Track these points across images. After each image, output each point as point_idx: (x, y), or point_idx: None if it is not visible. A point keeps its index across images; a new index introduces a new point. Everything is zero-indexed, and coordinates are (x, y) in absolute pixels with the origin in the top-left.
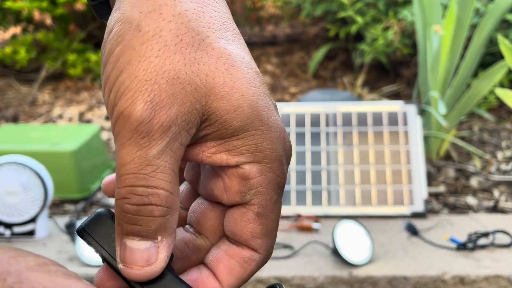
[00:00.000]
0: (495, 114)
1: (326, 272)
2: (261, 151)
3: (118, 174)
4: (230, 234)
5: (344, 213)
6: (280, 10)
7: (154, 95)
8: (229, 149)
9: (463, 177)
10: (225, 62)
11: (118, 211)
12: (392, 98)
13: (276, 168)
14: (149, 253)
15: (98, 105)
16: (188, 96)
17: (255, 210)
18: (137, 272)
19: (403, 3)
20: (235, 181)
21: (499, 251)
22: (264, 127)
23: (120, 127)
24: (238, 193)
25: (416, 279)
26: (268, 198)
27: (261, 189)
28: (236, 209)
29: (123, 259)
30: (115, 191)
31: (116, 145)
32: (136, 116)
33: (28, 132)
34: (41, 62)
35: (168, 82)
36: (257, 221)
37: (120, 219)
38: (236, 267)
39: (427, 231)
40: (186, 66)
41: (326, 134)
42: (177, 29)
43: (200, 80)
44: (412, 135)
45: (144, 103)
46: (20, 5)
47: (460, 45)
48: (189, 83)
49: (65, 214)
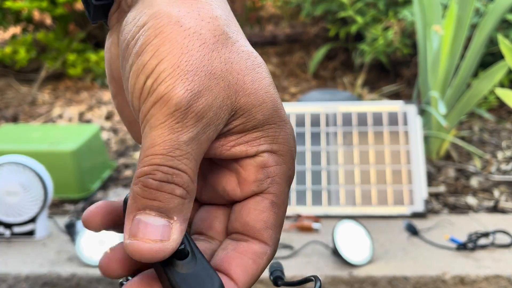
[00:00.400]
0: (495, 114)
1: (326, 272)
2: (277, 143)
3: (144, 154)
4: (241, 227)
5: (344, 213)
6: (280, 10)
7: (194, 85)
8: (248, 141)
9: (463, 177)
10: (252, 63)
11: (138, 187)
12: (392, 98)
13: (289, 161)
14: (163, 230)
15: (98, 105)
16: (221, 92)
17: (271, 198)
18: (148, 245)
19: (403, 3)
20: (251, 171)
21: (499, 251)
22: (281, 122)
23: (156, 111)
24: (255, 182)
25: (416, 279)
26: (282, 189)
27: (277, 178)
28: (250, 200)
29: (134, 233)
30: (137, 170)
31: (146, 128)
32: (176, 101)
33: (28, 132)
34: (41, 62)
35: (206, 76)
36: (271, 210)
37: (139, 194)
38: (249, 264)
39: (427, 231)
40: (221, 64)
41: (326, 134)
42: (214, 30)
43: (233, 78)
44: (412, 135)
45: (184, 90)
46: (20, 5)
47: (460, 45)
48: (223, 80)
49: (65, 214)
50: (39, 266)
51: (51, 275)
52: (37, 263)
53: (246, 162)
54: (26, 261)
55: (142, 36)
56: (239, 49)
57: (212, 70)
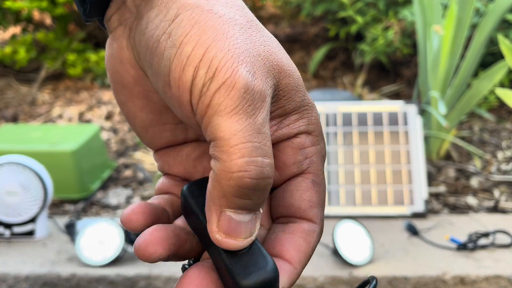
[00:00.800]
0: (496, 114)
1: (326, 272)
2: (312, 124)
3: (228, 145)
4: (286, 209)
5: (344, 213)
6: (280, 10)
7: (251, 66)
8: (289, 124)
9: (463, 177)
10: (281, 47)
11: (231, 184)
12: (392, 98)
13: (322, 141)
14: (252, 225)
15: (98, 105)
16: (269, 72)
17: (311, 178)
18: (239, 243)
19: (403, 3)
20: (290, 153)
21: (499, 251)
22: (311, 104)
23: (223, 97)
24: (295, 164)
25: (416, 279)
26: (320, 168)
27: (314, 158)
28: (291, 182)
29: (225, 231)
30: (225, 164)
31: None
32: (243, 83)
33: (27, 132)
34: (41, 62)
35: (255, 57)
36: (313, 189)
37: (231, 193)
38: (301, 242)
39: (427, 231)
40: (261, 46)
41: (326, 134)
42: (245, 16)
43: (274, 59)
44: (412, 135)
45: (246, 71)
46: (20, 5)
47: (460, 45)
48: (268, 60)
49: (65, 214)
50: (39, 266)
51: (51, 275)
52: (37, 263)
53: (284, 145)
54: (26, 261)
55: (176, 29)
56: (268, 34)
57: (257, 52)
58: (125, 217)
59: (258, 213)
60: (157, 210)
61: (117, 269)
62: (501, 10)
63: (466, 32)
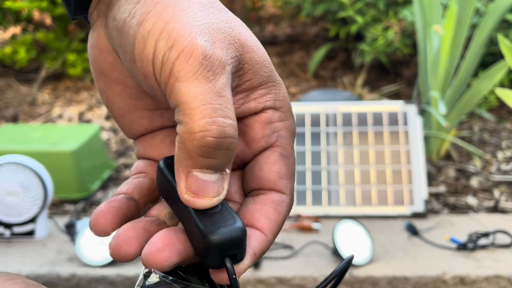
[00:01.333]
0: (496, 114)
1: (326, 272)
2: (279, 100)
3: (190, 108)
4: (256, 182)
5: (344, 213)
6: (280, 10)
7: (210, 37)
8: (255, 98)
9: (463, 177)
10: (243, 26)
11: (194, 145)
12: (392, 98)
13: (290, 117)
14: (219, 185)
15: (98, 105)
16: (231, 45)
17: (279, 151)
18: (207, 202)
19: (403, 3)
20: (258, 128)
21: (499, 251)
22: (279, 81)
23: (182, 64)
24: (263, 138)
25: (416, 279)
26: (288, 142)
27: (282, 132)
28: (260, 156)
29: (193, 190)
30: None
31: (176, 84)
32: (201, 50)
33: (27, 132)
34: (41, 62)
35: (214, 30)
36: (281, 162)
37: (195, 153)
38: (271, 211)
39: (427, 231)
40: (222, 22)
41: (326, 134)
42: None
43: (236, 34)
44: (412, 135)
45: (204, 40)
46: (20, 5)
47: (460, 45)
48: (229, 34)
49: (65, 214)
50: (39, 266)
51: (51, 275)
52: (37, 263)
53: (252, 120)
54: (26, 261)
55: (140, 9)
56: (231, 14)
57: (217, 26)
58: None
59: (225, 173)
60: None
61: (117, 269)
62: (501, 10)
63: (466, 32)
